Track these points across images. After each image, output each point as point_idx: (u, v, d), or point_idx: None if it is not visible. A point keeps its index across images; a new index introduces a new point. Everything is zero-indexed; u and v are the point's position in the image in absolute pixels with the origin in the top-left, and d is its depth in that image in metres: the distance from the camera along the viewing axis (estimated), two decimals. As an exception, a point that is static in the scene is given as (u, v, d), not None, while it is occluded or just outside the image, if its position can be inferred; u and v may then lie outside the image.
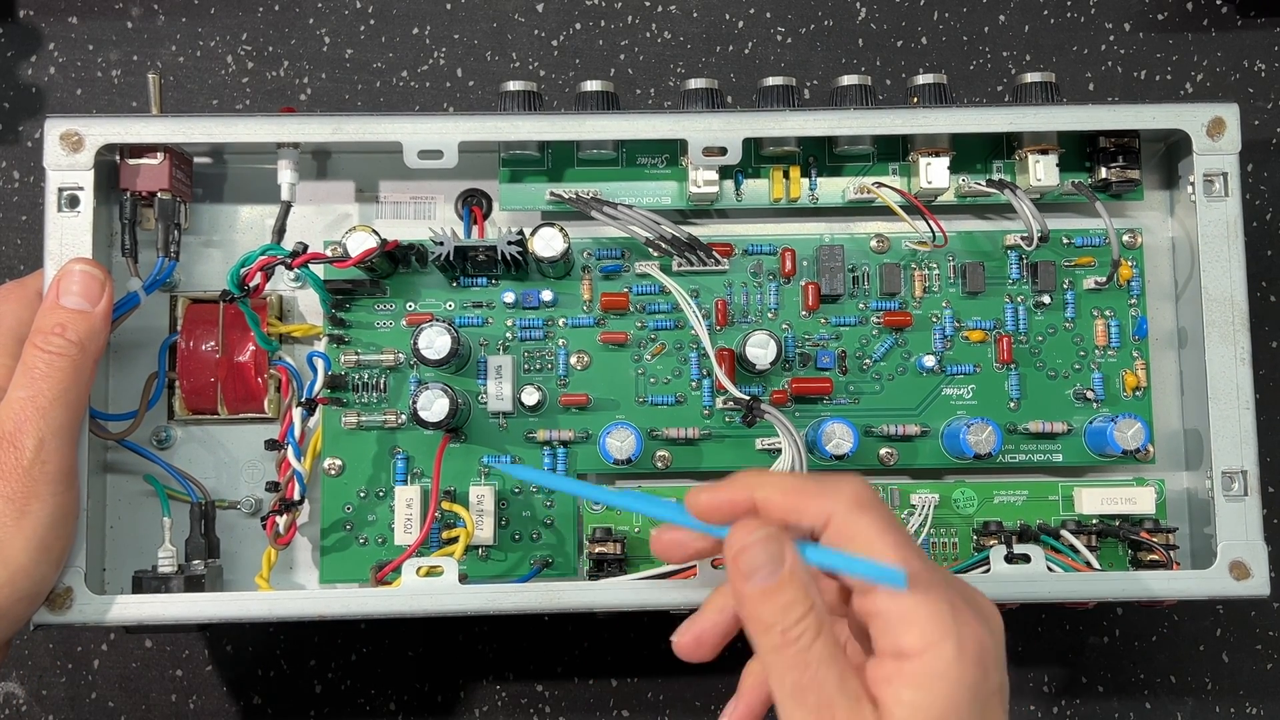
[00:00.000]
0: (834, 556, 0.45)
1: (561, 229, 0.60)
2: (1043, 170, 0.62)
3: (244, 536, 0.63)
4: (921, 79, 0.63)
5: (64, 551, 0.55)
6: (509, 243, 0.60)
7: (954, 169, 0.63)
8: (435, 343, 0.58)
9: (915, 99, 0.63)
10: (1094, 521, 0.62)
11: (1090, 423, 0.63)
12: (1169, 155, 0.65)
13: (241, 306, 0.58)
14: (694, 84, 0.62)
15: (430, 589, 0.57)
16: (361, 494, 0.62)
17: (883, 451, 0.63)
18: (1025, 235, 0.62)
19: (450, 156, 0.59)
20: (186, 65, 0.74)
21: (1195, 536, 0.63)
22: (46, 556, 0.53)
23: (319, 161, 0.65)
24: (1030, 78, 0.62)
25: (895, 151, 0.64)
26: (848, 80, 0.63)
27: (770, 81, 0.63)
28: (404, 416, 0.62)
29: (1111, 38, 0.76)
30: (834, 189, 0.64)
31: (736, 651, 0.72)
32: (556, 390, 0.63)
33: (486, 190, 0.65)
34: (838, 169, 0.64)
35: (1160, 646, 0.73)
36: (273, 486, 0.61)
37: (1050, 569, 0.58)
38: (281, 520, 0.60)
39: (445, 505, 0.61)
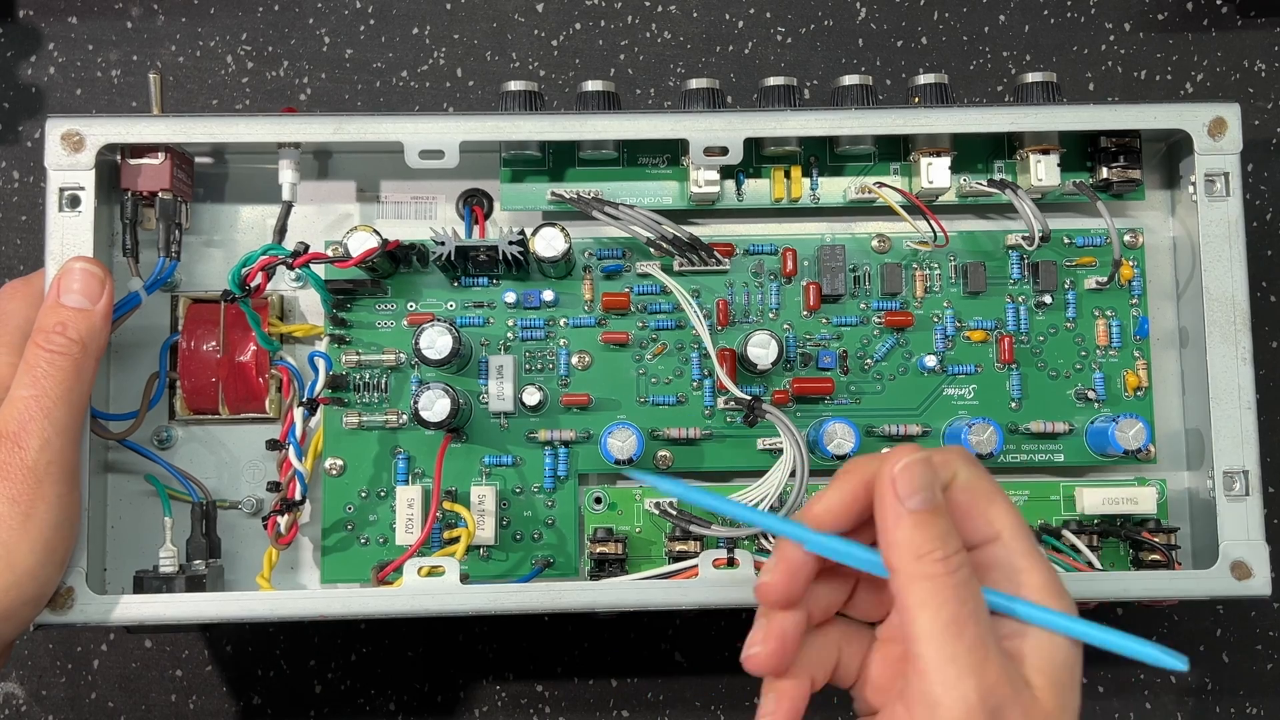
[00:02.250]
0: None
1: (563, 229, 0.60)
2: (1044, 170, 0.62)
3: (245, 536, 0.63)
4: (922, 79, 0.63)
5: (68, 553, 0.55)
6: (510, 242, 0.60)
7: (955, 169, 0.63)
8: (437, 342, 0.58)
9: (916, 99, 0.63)
10: (1095, 521, 0.62)
11: (1092, 423, 0.63)
12: (1170, 155, 0.65)
13: (243, 306, 0.58)
14: (695, 84, 0.62)
15: (432, 589, 0.57)
16: (363, 494, 0.62)
17: (884, 451, 0.63)
18: (1026, 235, 0.62)
19: (451, 156, 0.59)
20: (186, 65, 0.74)
21: (1197, 536, 0.63)
22: (51, 559, 0.53)
23: (320, 161, 0.65)
24: (1031, 78, 0.62)
25: (896, 151, 0.64)
26: (848, 80, 0.63)
27: (771, 81, 0.63)
28: (405, 416, 0.62)
29: (1111, 38, 0.76)
30: (835, 189, 0.64)
31: (735, 652, 0.72)
32: (558, 390, 0.63)
33: (487, 190, 0.65)
34: (839, 169, 0.64)
35: (1160, 646, 0.73)
36: (274, 486, 0.61)
37: (1052, 569, 0.58)
38: (283, 520, 0.60)
39: (446, 505, 0.61)
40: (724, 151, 0.60)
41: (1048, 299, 0.63)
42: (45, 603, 0.55)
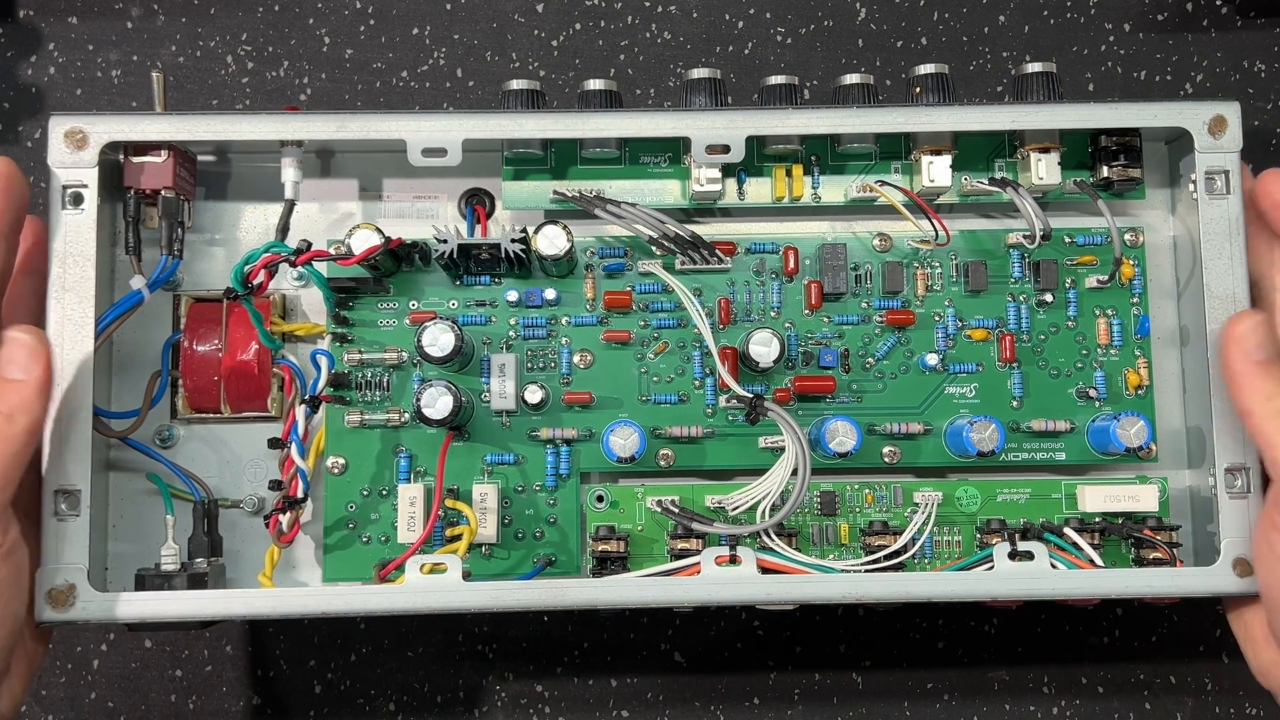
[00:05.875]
0: None
1: (565, 227, 0.60)
2: (1045, 169, 0.62)
3: (247, 535, 0.63)
4: (923, 69, 0.63)
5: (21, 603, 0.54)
6: (512, 240, 0.60)
7: (956, 167, 0.63)
8: (439, 340, 0.58)
9: (918, 89, 0.63)
10: (1097, 520, 0.62)
11: (1093, 421, 0.63)
12: (1170, 153, 0.65)
13: (245, 304, 0.58)
14: (696, 74, 0.62)
15: (433, 586, 0.57)
16: (364, 492, 0.62)
17: (886, 450, 0.63)
18: (1027, 234, 0.62)
19: (454, 154, 0.59)
20: (186, 65, 0.74)
21: (1198, 534, 0.63)
22: None
23: (323, 160, 0.65)
24: (1031, 68, 0.62)
25: (897, 150, 0.64)
26: (849, 79, 0.63)
27: (773, 80, 0.63)
28: (407, 415, 0.62)
29: (1111, 38, 0.76)
30: (836, 188, 0.64)
31: (735, 652, 0.72)
32: (559, 388, 0.63)
33: (489, 189, 0.65)
34: (840, 168, 0.64)
35: (1160, 646, 0.73)
36: (275, 485, 0.61)
37: (1054, 566, 0.58)
38: (285, 518, 0.60)
39: (448, 503, 0.61)
40: (726, 150, 0.60)
41: (1049, 297, 0.64)
42: None
